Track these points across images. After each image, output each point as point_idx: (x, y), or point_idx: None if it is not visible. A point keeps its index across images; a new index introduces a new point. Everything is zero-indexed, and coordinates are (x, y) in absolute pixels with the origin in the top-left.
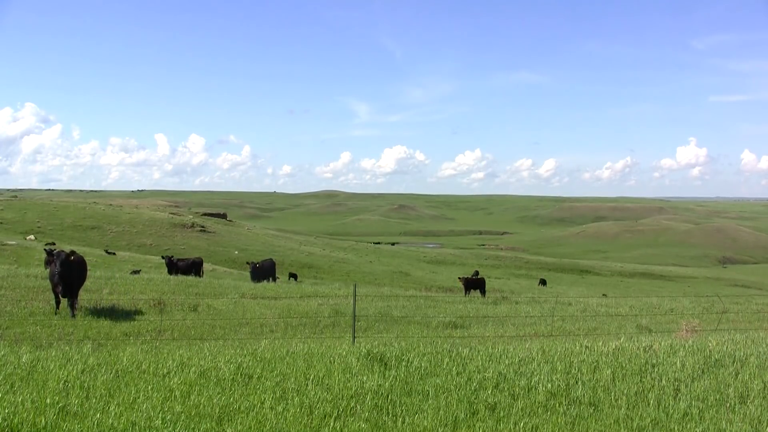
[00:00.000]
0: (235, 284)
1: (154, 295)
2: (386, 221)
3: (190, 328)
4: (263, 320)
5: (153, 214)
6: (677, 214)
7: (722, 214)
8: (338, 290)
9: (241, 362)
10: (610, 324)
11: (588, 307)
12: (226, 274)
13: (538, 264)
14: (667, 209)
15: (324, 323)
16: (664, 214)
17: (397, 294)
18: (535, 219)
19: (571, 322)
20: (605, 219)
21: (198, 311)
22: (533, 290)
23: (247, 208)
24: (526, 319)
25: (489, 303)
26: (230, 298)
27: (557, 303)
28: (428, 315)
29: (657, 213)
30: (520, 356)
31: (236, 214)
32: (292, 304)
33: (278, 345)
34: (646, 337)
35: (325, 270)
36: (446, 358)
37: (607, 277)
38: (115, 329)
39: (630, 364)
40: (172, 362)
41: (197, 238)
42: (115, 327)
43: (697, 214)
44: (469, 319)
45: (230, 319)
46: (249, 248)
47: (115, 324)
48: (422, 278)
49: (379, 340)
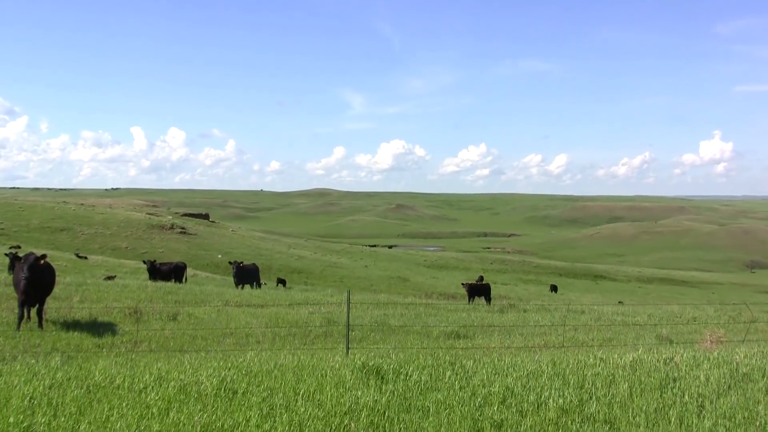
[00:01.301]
0: (219, 291)
1: (130, 303)
2: (383, 222)
3: (169, 338)
4: (249, 330)
5: (128, 215)
6: (700, 214)
7: (749, 214)
8: (331, 297)
9: (224, 376)
10: (627, 334)
11: (603, 316)
12: (209, 279)
13: (548, 269)
14: (688, 209)
15: (315, 333)
16: (686, 214)
17: (394, 301)
18: (545, 220)
19: (584, 332)
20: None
21: (178, 320)
22: (543, 297)
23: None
24: (535, 329)
25: (495, 311)
26: (213, 306)
27: (569, 311)
28: (428, 324)
29: (678, 213)
30: (529, 369)
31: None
32: (280, 312)
33: (265, 357)
34: (666, 348)
35: (316, 275)
36: (448, 371)
37: (623, 283)
38: (87, 340)
39: (649, 378)
40: (149, 376)
41: (177, 240)
42: (86, 338)
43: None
44: (473, 329)
45: (213, 329)
46: (233, 251)
47: (86, 335)
48: (422, 284)
49: (375, 352)
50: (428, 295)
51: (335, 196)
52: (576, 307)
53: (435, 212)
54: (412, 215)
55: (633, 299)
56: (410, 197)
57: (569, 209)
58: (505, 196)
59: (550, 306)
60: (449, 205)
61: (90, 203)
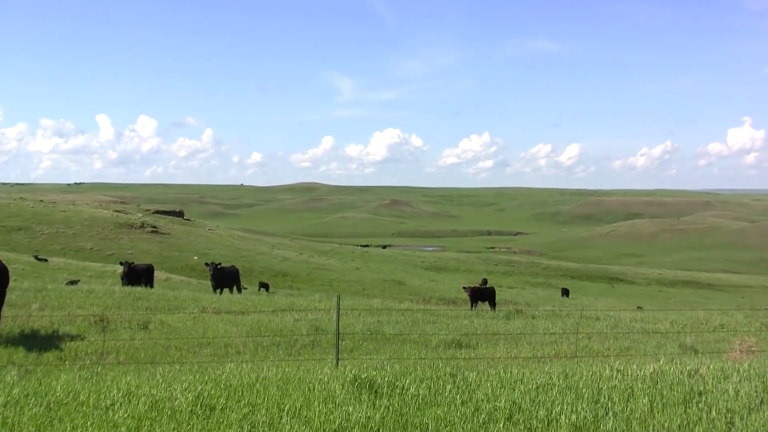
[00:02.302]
0: (194, 296)
1: (96, 310)
2: (376, 220)
3: (140, 349)
4: (228, 339)
5: (94, 212)
6: (728, 209)
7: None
8: (318, 303)
9: (201, 391)
10: (647, 343)
11: (620, 323)
12: (184, 283)
13: (558, 270)
14: (715, 204)
15: (301, 343)
16: (712, 209)
17: (389, 307)
18: (555, 216)
19: (599, 340)
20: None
21: (149, 329)
22: (553, 302)
23: (208, 205)
24: (544, 337)
25: (500, 317)
26: (188, 313)
27: (582, 317)
28: (427, 332)
29: (703, 208)
30: (538, 382)
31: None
32: (262, 319)
33: (246, 369)
34: (691, 359)
35: (302, 279)
36: (449, 385)
37: (642, 287)
38: (47, 352)
39: (671, 392)
40: (117, 392)
41: (148, 240)
42: (46, 350)
43: (752, 209)
44: (476, 337)
45: (188, 339)
46: (211, 252)
47: (46, 346)
48: (419, 288)
49: (368, 363)
50: (426, 300)
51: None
52: (590, 312)
53: (433, 208)
54: (408, 212)
55: (653, 304)
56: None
57: (582, 205)
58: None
59: (561, 312)
60: (449, 201)
61: (50, 200)
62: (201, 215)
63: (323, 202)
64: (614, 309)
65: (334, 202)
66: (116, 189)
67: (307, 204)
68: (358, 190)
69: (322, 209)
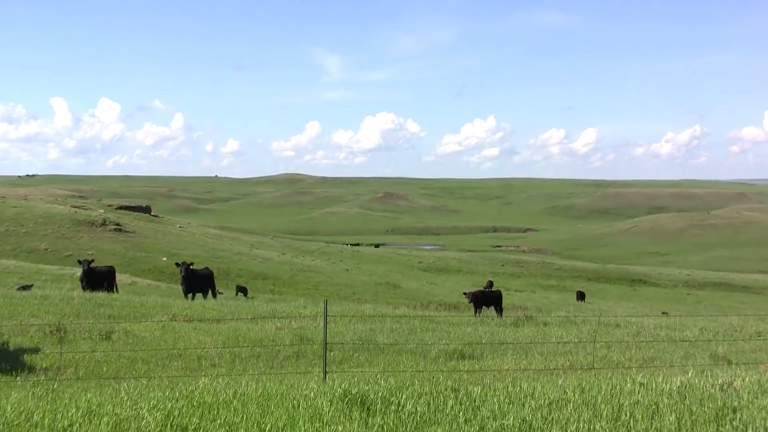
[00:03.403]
0: (163, 302)
1: (51, 319)
2: (368, 215)
3: (102, 363)
4: (202, 351)
5: (48, 208)
6: (765, 202)
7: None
8: (303, 309)
9: (171, 409)
10: (674, 353)
11: (642, 330)
12: (151, 288)
13: (573, 271)
14: (749, 196)
15: (284, 354)
16: (747, 202)
17: (383, 313)
18: (569, 211)
19: (619, 350)
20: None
21: (112, 340)
22: (567, 307)
23: (178, 199)
24: (558, 347)
25: (508, 325)
26: (156, 322)
27: (600, 324)
28: (425, 341)
29: (736, 201)
30: (551, 397)
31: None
32: (240, 328)
33: (222, 384)
34: (723, 370)
35: (285, 282)
36: (450, 400)
37: (668, 289)
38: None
39: (702, 408)
40: (75, 411)
41: (111, 240)
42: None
43: None
44: (480, 347)
45: (156, 350)
46: (182, 253)
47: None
48: (417, 291)
49: (359, 377)
50: (425, 306)
51: (308, 183)
52: (609, 319)
53: (432, 202)
54: (404, 206)
55: (680, 309)
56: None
57: (599, 197)
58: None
59: (576, 318)
60: (450, 194)
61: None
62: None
63: (308, 196)
64: (636, 314)
65: (321, 196)
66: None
67: (290, 198)
68: (348, 181)
69: (306, 204)
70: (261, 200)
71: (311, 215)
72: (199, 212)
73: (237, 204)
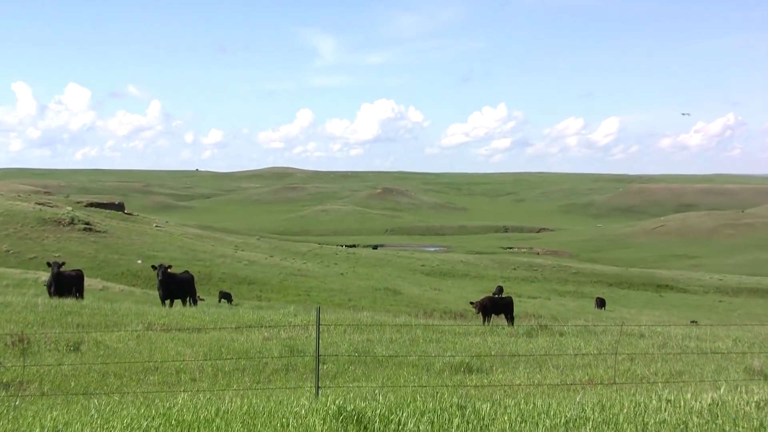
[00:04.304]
0: (138, 309)
1: (14, 328)
2: (365, 213)
3: (69, 377)
4: (181, 363)
5: (11, 206)
6: None
7: None
8: (293, 317)
9: (146, 428)
10: (704, 366)
11: (669, 341)
12: (125, 294)
13: (592, 276)
14: None
15: (272, 367)
16: None
17: (382, 322)
18: (588, 208)
19: (643, 362)
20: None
21: (81, 351)
22: (586, 315)
23: (155, 195)
24: (575, 359)
25: (520, 334)
26: (131, 331)
27: (623, 334)
28: (429, 353)
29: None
30: (568, 415)
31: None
32: (224, 338)
33: (203, 401)
34: (759, 386)
35: (273, 287)
36: (456, 418)
37: (698, 296)
38: None
39: (735, 429)
40: (40, 430)
41: (80, 240)
42: None
43: None
44: (490, 360)
45: (131, 363)
46: (159, 255)
47: None
48: (419, 298)
49: (355, 392)
50: (428, 314)
51: (299, 178)
52: (632, 328)
53: (436, 199)
54: (405, 203)
55: (711, 317)
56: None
57: (621, 194)
58: (532, 177)
59: (596, 327)
60: (456, 189)
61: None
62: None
63: (299, 192)
64: (662, 323)
65: (313, 192)
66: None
67: (279, 194)
68: (343, 176)
69: (297, 201)
70: (246, 197)
71: (302, 213)
72: (178, 210)
73: (220, 201)
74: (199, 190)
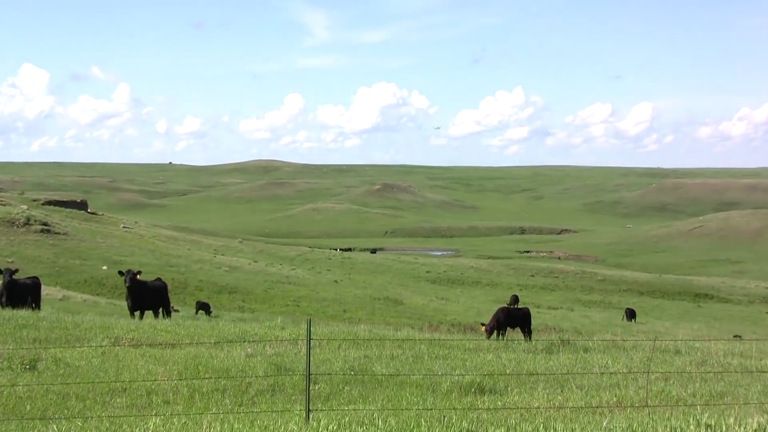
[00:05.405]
0: (104, 322)
1: None
2: (362, 212)
3: (25, 399)
4: (152, 384)
5: None
6: None
7: None
8: (281, 330)
9: None
10: (749, 387)
11: (709, 357)
12: (88, 304)
13: (621, 284)
14: None
15: (257, 387)
16: None
17: (381, 336)
18: (617, 207)
19: (679, 382)
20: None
21: (38, 370)
22: (614, 328)
23: (123, 192)
24: (602, 378)
25: (538, 350)
26: (95, 347)
27: (656, 350)
28: (435, 371)
29: None
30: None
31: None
32: (201, 354)
33: (178, 426)
34: None
35: (258, 297)
36: None
37: (741, 306)
38: None
39: None
40: None
41: (36, 243)
42: None
43: None
44: (504, 379)
45: (95, 383)
46: (127, 260)
47: None
48: (424, 309)
49: (351, 416)
50: (434, 327)
51: (287, 173)
52: (666, 343)
53: (443, 196)
54: (408, 201)
55: (757, 331)
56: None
57: (654, 190)
58: (552, 171)
59: (625, 342)
60: (466, 186)
61: None
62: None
63: (287, 188)
64: (701, 338)
65: (303, 188)
66: None
67: (265, 191)
68: (337, 170)
69: (285, 198)
70: (227, 194)
71: (290, 213)
72: (149, 209)
73: (197, 198)
74: (173, 186)
